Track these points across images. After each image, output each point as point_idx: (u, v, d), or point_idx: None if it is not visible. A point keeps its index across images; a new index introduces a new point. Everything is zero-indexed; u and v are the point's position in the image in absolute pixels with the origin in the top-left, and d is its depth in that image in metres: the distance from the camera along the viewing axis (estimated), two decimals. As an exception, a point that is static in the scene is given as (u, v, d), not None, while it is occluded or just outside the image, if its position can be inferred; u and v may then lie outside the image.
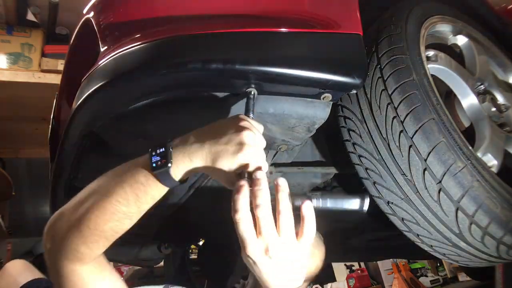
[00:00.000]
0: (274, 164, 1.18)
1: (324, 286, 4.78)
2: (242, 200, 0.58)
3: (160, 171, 0.64)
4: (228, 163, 0.63)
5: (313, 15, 0.88)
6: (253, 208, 0.59)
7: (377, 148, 0.90)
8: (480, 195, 0.81)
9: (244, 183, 0.60)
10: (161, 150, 0.65)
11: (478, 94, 1.12)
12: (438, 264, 5.26)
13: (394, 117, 0.87)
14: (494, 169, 0.94)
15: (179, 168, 0.65)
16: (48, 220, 0.74)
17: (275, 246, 0.58)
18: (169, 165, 0.64)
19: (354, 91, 0.85)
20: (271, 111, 0.88)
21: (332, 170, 1.26)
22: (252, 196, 0.59)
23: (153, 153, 0.66)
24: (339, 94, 0.87)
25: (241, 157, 0.62)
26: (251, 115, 0.75)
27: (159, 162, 0.64)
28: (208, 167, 0.65)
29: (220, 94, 0.84)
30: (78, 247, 0.68)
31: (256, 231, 0.58)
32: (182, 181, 0.67)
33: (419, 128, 0.83)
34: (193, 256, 2.58)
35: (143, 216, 0.70)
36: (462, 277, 4.95)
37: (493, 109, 1.12)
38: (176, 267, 2.04)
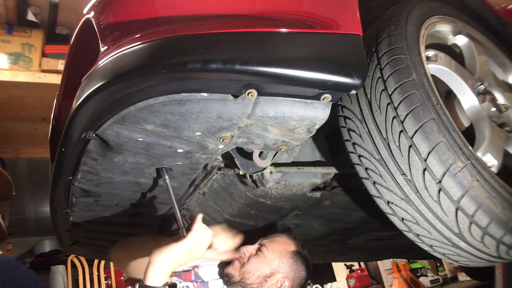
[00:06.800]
0: (274, 164, 1.18)
1: (324, 286, 4.79)
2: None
3: None
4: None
5: (313, 16, 0.88)
6: None
7: (377, 148, 0.90)
8: (480, 195, 0.81)
9: None
10: None
11: (478, 94, 1.12)
12: (438, 264, 5.27)
13: (394, 117, 0.87)
14: (494, 169, 0.94)
15: None
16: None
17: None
18: None
19: (354, 92, 0.85)
20: (271, 114, 0.88)
21: (332, 170, 1.26)
22: None
23: None
24: (338, 94, 0.87)
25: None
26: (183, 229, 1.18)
27: None
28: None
29: (220, 96, 0.84)
30: None
31: None
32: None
33: (419, 128, 0.83)
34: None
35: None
36: (462, 277, 4.96)
37: (493, 109, 1.12)
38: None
